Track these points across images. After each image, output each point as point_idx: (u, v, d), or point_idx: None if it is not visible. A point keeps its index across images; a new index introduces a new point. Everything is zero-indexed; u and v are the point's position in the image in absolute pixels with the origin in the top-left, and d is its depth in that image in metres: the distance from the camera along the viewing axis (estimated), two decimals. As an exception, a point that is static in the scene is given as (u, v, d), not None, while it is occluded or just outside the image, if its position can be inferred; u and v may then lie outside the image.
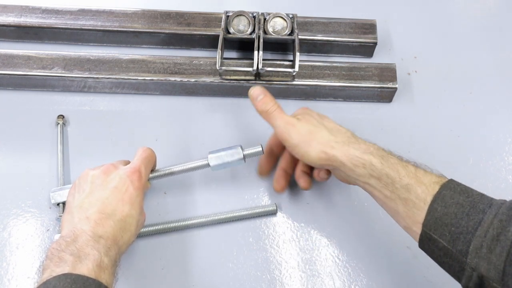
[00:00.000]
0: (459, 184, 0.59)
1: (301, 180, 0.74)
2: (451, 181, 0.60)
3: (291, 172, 0.76)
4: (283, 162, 0.76)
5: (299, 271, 0.73)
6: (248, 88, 0.84)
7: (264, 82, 0.84)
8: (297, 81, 0.84)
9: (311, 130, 0.67)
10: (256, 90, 0.73)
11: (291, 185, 0.78)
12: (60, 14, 0.88)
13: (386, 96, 0.87)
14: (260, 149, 0.73)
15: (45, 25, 0.87)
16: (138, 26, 0.88)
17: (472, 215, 0.55)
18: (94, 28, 0.87)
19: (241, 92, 0.86)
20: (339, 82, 0.85)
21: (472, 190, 0.59)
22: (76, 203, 0.64)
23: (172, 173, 0.73)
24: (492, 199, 0.57)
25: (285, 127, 0.69)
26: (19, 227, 0.75)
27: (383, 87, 0.85)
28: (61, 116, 0.82)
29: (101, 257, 0.57)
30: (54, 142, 0.80)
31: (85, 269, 0.56)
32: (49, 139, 0.81)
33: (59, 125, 0.81)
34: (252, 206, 0.77)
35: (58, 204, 0.74)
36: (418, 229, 0.59)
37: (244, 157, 0.72)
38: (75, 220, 0.61)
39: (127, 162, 0.71)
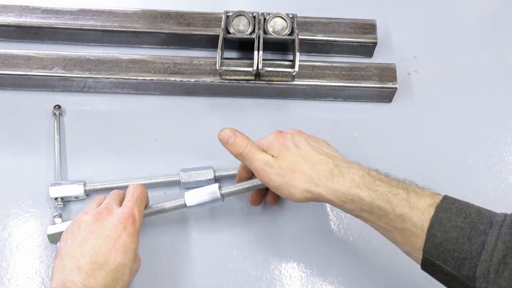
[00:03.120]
0: (454, 202, 0.57)
1: (254, 198, 0.74)
2: (445, 198, 0.58)
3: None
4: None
5: (299, 271, 0.73)
6: (248, 88, 0.85)
7: (264, 82, 0.84)
8: (297, 81, 0.84)
9: (290, 167, 0.63)
10: (225, 134, 0.68)
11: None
12: (60, 14, 0.88)
13: (386, 96, 0.87)
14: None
15: (45, 25, 0.87)
16: (138, 26, 0.88)
17: (474, 238, 0.54)
18: (94, 28, 0.87)
19: (241, 92, 0.86)
20: (339, 82, 0.85)
21: (468, 207, 0.57)
22: (68, 251, 0.61)
23: (164, 210, 0.71)
24: (490, 216, 0.56)
25: (262, 169, 0.64)
26: (19, 227, 0.75)
27: (383, 87, 0.85)
28: (57, 106, 0.82)
29: None
30: (53, 139, 0.80)
31: None
32: (50, 139, 0.81)
33: (55, 115, 0.82)
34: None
35: (56, 199, 0.74)
36: (419, 255, 0.57)
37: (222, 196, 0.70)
38: (66, 271, 0.59)
39: (121, 196, 0.69)
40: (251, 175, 0.72)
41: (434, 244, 0.56)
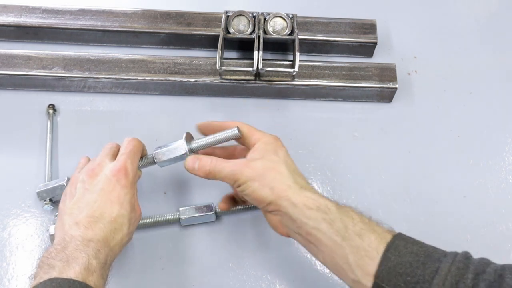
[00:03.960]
0: (409, 237, 0.58)
1: (225, 204, 0.73)
2: (400, 233, 0.58)
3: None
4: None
5: (299, 271, 0.73)
6: (248, 88, 0.85)
7: (264, 82, 0.84)
8: (297, 81, 0.84)
9: (269, 166, 0.63)
10: (188, 162, 0.67)
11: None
12: (60, 14, 0.88)
13: (386, 96, 0.87)
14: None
15: (45, 25, 0.87)
16: (138, 26, 0.88)
17: (428, 263, 0.54)
18: (94, 28, 0.87)
19: (241, 92, 0.86)
20: (339, 82, 0.85)
21: (423, 242, 0.57)
22: (66, 210, 0.64)
23: (153, 162, 0.71)
24: (444, 250, 0.56)
25: (232, 170, 0.63)
26: (19, 227, 0.75)
27: (383, 87, 0.85)
28: (51, 105, 0.82)
29: (89, 260, 0.57)
30: (49, 138, 0.80)
31: (72, 272, 0.55)
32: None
33: (49, 114, 0.82)
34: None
35: (45, 200, 0.74)
36: (368, 282, 0.55)
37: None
38: (66, 227, 0.61)
39: (114, 150, 0.69)
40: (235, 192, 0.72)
41: (387, 268, 0.54)
